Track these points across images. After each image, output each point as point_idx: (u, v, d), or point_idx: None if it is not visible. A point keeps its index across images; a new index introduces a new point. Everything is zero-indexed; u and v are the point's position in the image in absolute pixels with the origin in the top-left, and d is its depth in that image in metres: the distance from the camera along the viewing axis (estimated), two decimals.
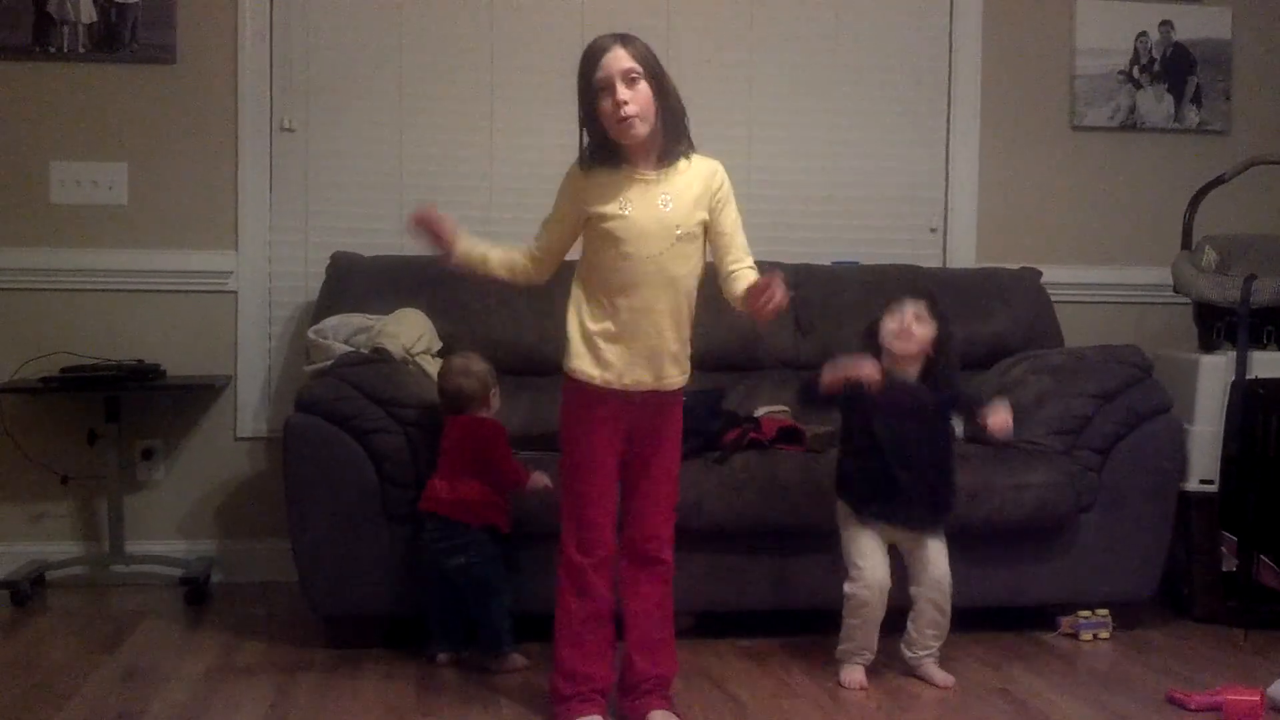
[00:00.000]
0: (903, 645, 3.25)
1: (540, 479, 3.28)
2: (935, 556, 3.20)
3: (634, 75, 2.69)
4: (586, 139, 2.79)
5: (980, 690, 3.14)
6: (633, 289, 2.76)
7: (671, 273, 2.77)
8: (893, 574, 3.18)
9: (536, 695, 3.01)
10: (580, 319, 2.81)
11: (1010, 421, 3.13)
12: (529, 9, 4.37)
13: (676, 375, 2.84)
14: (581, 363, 2.80)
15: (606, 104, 2.69)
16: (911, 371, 3.21)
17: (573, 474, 2.85)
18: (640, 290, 2.76)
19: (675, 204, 2.78)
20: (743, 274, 2.83)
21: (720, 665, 3.34)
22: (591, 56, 2.72)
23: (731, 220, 2.86)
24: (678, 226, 2.76)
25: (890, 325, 3.20)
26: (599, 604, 2.83)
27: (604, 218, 2.76)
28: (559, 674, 2.86)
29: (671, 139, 2.79)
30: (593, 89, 2.71)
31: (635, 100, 2.69)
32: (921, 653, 3.22)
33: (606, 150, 2.77)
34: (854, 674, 3.19)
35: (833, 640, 3.24)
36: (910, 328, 3.17)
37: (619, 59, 2.69)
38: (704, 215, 2.81)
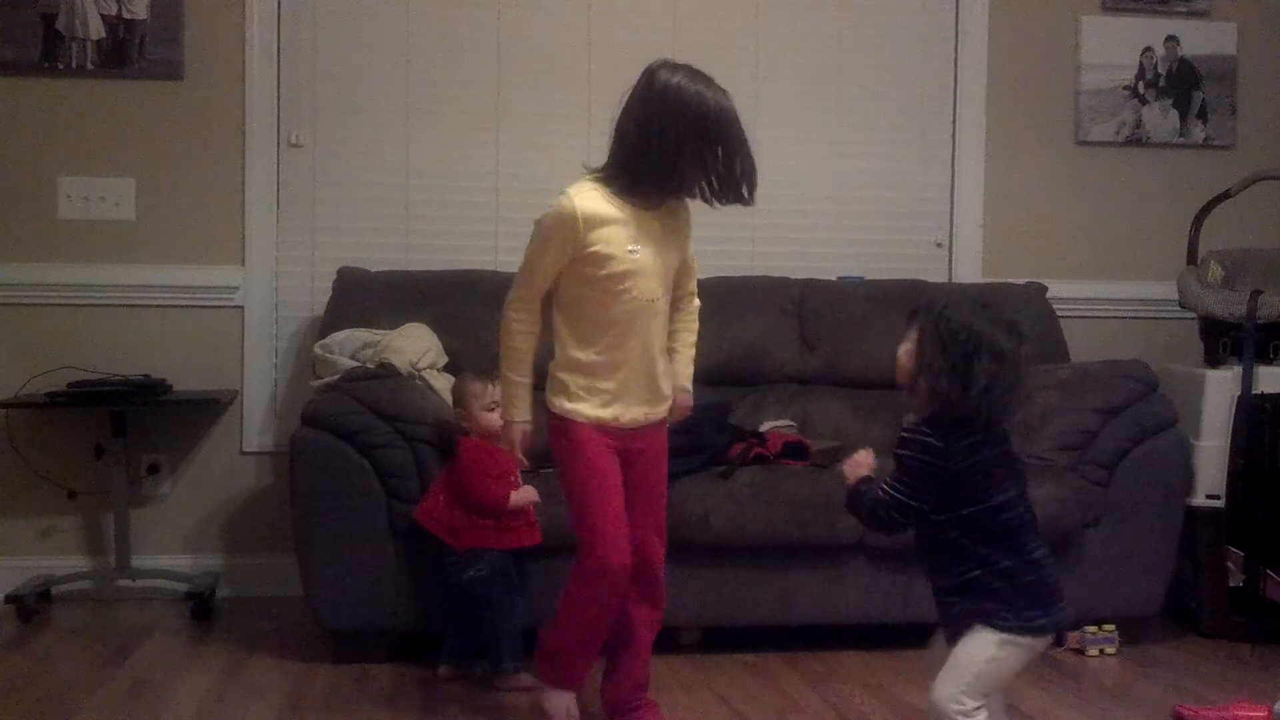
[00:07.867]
0: None
1: (527, 495, 3.26)
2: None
3: None
4: (619, 166, 2.70)
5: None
6: (631, 329, 2.72)
7: (664, 311, 2.79)
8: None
9: (541, 713, 2.97)
10: (570, 356, 2.75)
11: (859, 467, 2.43)
12: (535, 25, 4.38)
13: (662, 405, 2.83)
14: (577, 404, 2.73)
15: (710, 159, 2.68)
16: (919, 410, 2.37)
17: (592, 494, 2.76)
18: (638, 330, 2.73)
19: (674, 241, 2.78)
20: (681, 342, 2.90)
21: (725, 680, 3.34)
22: (730, 112, 2.72)
23: (691, 253, 2.88)
24: (672, 267, 2.79)
25: None
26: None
27: (611, 259, 2.68)
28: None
29: None
30: (713, 137, 2.68)
31: None
32: None
33: (629, 181, 2.70)
34: None
35: (836, 655, 3.19)
36: (899, 362, 2.40)
37: None
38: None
